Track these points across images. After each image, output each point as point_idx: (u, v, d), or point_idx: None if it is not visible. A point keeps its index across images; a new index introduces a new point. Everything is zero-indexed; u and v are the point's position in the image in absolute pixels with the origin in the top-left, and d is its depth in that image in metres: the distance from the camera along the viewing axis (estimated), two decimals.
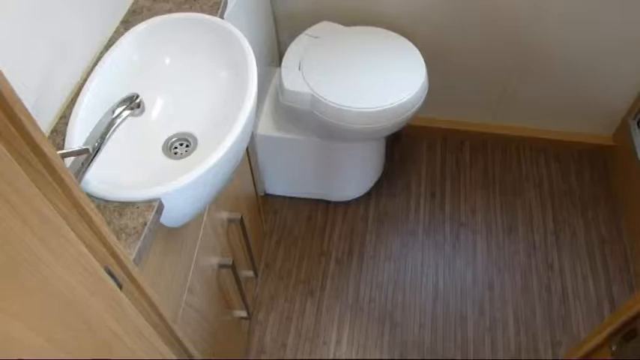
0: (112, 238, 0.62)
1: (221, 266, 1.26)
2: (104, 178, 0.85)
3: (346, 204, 2.01)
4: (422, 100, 1.61)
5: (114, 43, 1.04)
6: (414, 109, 1.59)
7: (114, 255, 0.64)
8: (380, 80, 1.59)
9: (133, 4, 1.16)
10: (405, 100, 1.55)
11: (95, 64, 1.01)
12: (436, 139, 2.20)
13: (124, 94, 0.85)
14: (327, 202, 2.02)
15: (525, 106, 2.06)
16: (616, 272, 1.81)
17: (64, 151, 0.76)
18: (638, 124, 1.89)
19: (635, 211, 1.84)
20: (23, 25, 0.84)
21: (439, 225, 1.95)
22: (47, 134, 0.92)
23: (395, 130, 1.65)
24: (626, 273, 1.80)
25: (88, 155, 0.77)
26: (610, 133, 2.09)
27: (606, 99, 1.96)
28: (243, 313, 1.48)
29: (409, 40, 1.73)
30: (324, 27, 1.78)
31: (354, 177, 1.94)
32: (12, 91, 0.43)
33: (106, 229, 0.61)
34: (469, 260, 1.85)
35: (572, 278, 1.80)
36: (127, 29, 1.08)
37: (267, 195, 2.04)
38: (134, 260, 0.76)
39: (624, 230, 1.90)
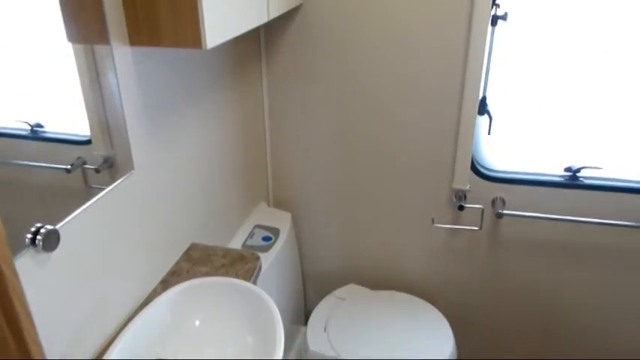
0: None
1: None
2: None
3: None
4: None
5: (150, 301, 1.09)
6: None
7: None
8: (407, 348, 1.56)
9: (174, 265, 1.25)
10: None
11: (128, 320, 1.04)
12: None
13: (150, 355, 0.86)
14: None
15: None
16: None
17: None
18: None
19: None
20: (68, 285, 0.90)
21: None
22: None
23: None
24: None
25: None
26: None
27: None
28: None
29: (436, 307, 1.75)
30: (351, 289, 1.83)
31: None
32: None
33: None
34: None
35: None
36: (164, 289, 1.14)
37: None
38: None
39: None
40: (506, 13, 1.46)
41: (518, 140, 1.64)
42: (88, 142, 0.95)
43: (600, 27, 1.44)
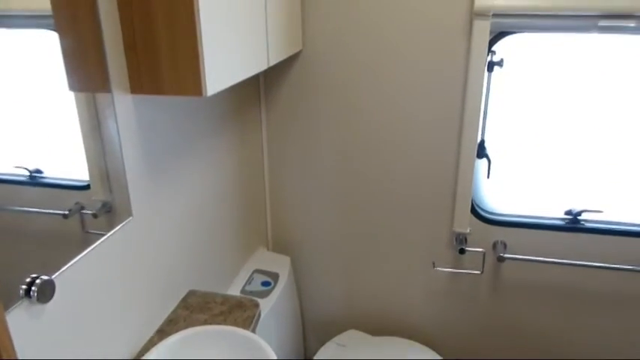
0: None
1: None
2: None
3: None
4: None
5: (146, 351, 1.06)
6: None
7: None
8: None
9: (171, 313, 1.22)
10: None
11: None
12: None
13: None
14: None
15: None
16: None
17: None
18: None
19: None
20: (62, 337, 0.88)
21: None
22: None
23: None
24: None
25: None
26: None
27: None
28: None
29: (437, 353, 1.71)
30: (351, 335, 1.79)
31: None
32: None
33: None
34: None
35: None
36: (160, 339, 1.11)
37: None
38: None
39: None
40: (501, 60, 1.48)
41: (517, 183, 1.65)
42: (87, 187, 0.94)
43: (598, 69, 1.46)
